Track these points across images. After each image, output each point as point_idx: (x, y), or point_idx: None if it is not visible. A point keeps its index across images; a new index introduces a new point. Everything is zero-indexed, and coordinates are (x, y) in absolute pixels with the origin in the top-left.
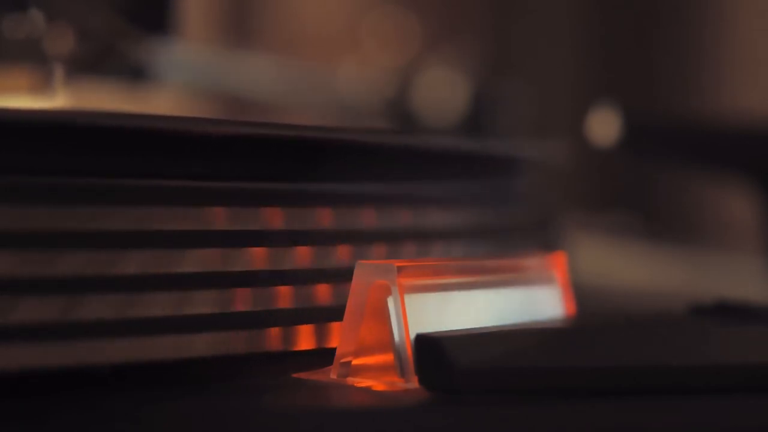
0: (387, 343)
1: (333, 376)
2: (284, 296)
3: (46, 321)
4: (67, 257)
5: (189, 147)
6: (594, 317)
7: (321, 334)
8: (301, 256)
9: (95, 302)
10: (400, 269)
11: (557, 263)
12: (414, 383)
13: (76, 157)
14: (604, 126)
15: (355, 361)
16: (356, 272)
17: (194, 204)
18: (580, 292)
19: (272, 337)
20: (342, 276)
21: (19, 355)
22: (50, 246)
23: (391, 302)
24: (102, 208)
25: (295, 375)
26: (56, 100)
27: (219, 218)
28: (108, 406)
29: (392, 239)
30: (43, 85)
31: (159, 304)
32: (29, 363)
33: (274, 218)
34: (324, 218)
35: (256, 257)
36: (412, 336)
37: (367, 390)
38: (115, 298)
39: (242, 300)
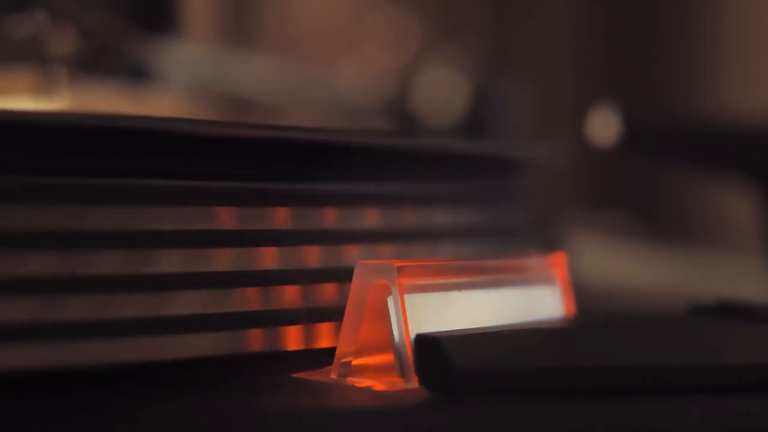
0: (387, 343)
1: (333, 376)
2: (284, 296)
3: (47, 321)
4: (68, 258)
5: (190, 148)
6: (594, 317)
7: (321, 334)
8: (300, 256)
9: (96, 303)
10: (400, 269)
11: (557, 263)
12: (414, 383)
13: (76, 157)
14: (604, 126)
15: (355, 361)
16: (356, 272)
17: (193, 205)
18: (580, 292)
19: (272, 337)
20: (342, 276)
21: (19, 355)
22: (51, 246)
23: (391, 302)
24: (102, 210)
25: (295, 375)
26: (58, 100)
27: (218, 218)
28: (108, 406)
29: (392, 239)
30: (45, 86)
31: (160, 306)
32: (29, 363)
33: (274, 218)
34: (324, 218)
35: (257, 257)
36: (412, 336)
37: (367, 390)
38: (115, 299)
39: (242, 300)
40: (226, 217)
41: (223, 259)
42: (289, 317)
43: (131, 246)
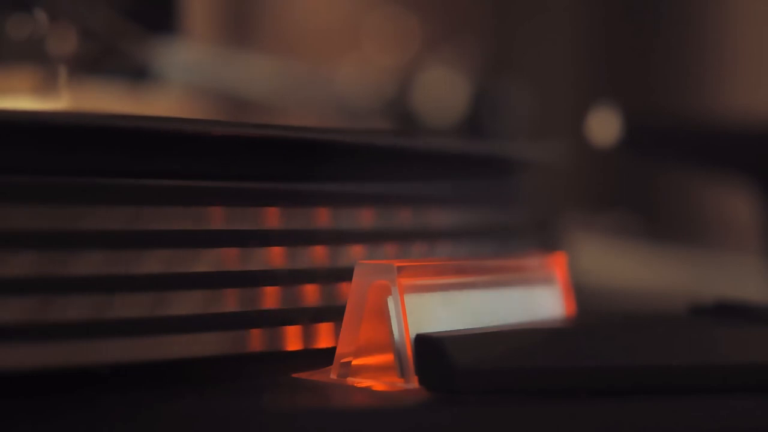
0: (387, 343)
1: (333, 376)
2: (284, 296)
3: (47, 321)
4: (68, 257)
5: (189, 147)
6: (594, 317)
7: (321, 334)
8: (301, 256)
9: (95, 303)
10: (400, 269)
11: (557, 263)
12: (414, 383)
13: (76, 157)
14: (604, 126)
15: (355, 361)
16: (356, 272)
17: (193, 204)
18: (580, 292)
19: (272, 337)
20: (342, 276)
21: (19, 355)
22: (50, 246)
23: (391, 302)
24: (101, 209)
25: (295, 375)
26: (59, 100)
27: (218, 218)
28: (108, 406)
29: (392, 239)
30: (46, 86)
31: (160, 305)
32: (29, 363)
33: (274, 219)
34: (323, 219)
35: (256, 257)
36: (412, 336)
37: (367, 390)
38: (115, 299)
39: (242, 300)
40: (226, 217)
41: (223, 259)
42: (288, 317)
43: (132, 246)
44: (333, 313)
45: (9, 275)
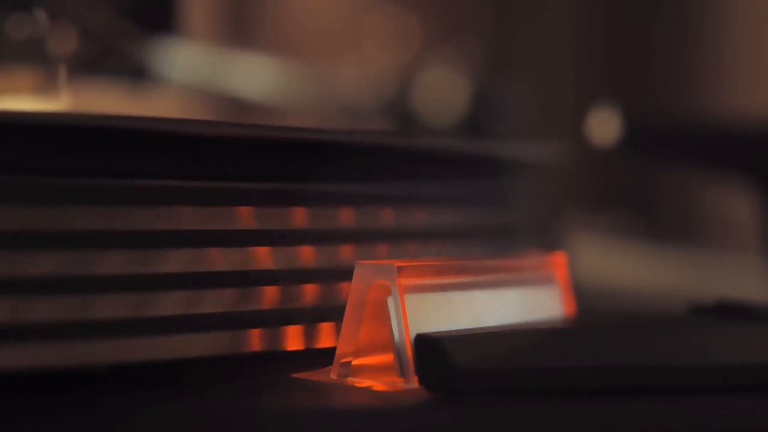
0: (387, 343)
1: (333, 376)
2: (284, 296)
3: (46, 321)
4: (65, 258)
5: (186, 148)
6: (594, 317)
7: (320, 334)
8: (300, 256)
9: (95, 302)
10: (400, 269)
11: (557, 263)
12: (414, 383)
13: (76, 157)
14: (604, 126)
15: (355, 361)
16: (356, 272)
17: (194, 204)
18: (580, 292)
19: (272, 337)
20: (342, 276)
21: (19, 355)
22: (50, 246)
23: (391, 302)
24: (103, 209)
25: (295, 375)
26: (59, 100)
27: (218, 219)
28: (108, 406)
29: (391, 239)
30: (46, 86)
31: (160, 305)
32: (29, 363)
33: (273, 218)
34: (324, 218)
35: (255, 258)
36: (412, 336)
37: (367, 390)
38: (115, 299)
39: (242, 300)
40: (226, 218)
41: (223, 259)
42: (288, 317)
43: (131, 246)
44: (333, 313)
45: (9, 275)
